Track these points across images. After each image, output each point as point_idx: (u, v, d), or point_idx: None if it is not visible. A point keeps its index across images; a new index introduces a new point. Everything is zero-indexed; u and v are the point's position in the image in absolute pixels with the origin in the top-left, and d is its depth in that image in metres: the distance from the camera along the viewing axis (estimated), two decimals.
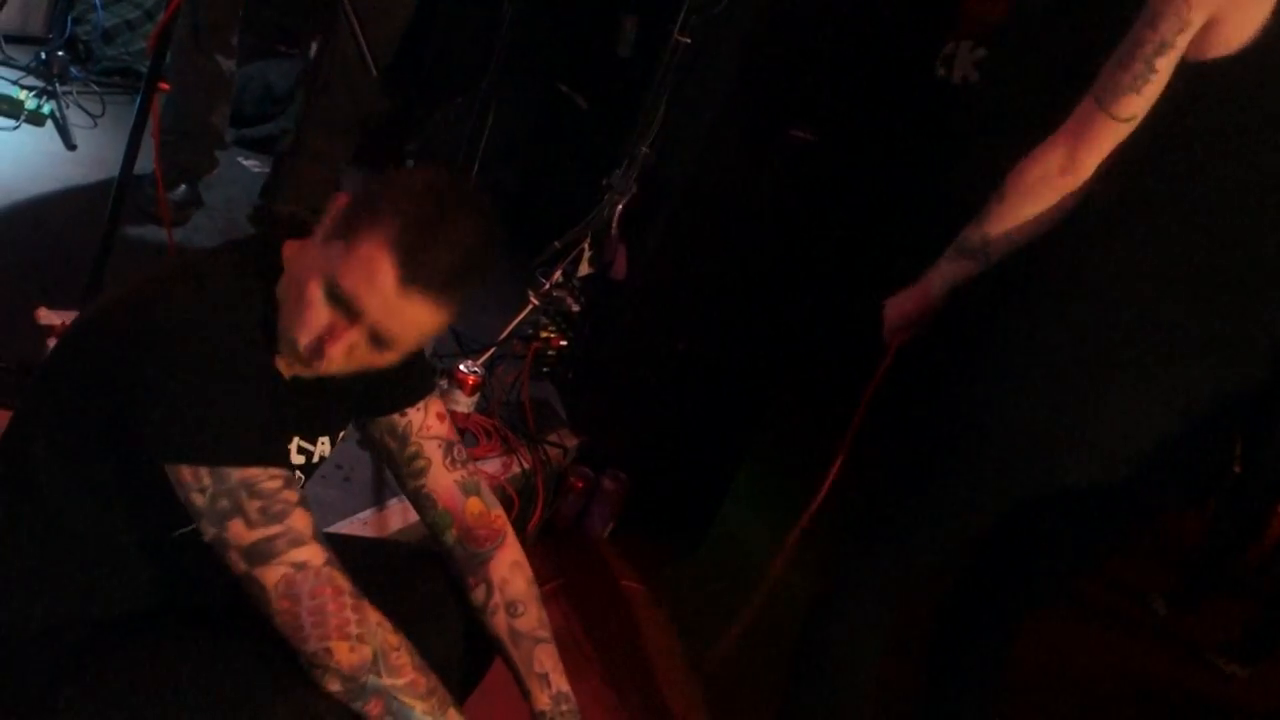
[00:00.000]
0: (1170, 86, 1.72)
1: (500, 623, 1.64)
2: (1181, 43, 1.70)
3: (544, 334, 3.24)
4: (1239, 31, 1.68)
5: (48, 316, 2.59)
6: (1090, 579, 3.89)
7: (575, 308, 3.28)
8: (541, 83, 4.39)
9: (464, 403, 2.89)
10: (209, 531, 1.32)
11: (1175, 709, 3.44)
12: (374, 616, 1.38)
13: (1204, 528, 3.97)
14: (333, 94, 3.35)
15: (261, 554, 1.32)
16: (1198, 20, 1.68)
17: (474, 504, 1.65)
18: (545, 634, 1.66)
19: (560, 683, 1.64)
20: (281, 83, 4.07)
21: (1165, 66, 1.71)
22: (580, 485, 3.05)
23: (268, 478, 1.32)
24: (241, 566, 1.33)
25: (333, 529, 2.38)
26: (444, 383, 3.03)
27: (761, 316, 3.05)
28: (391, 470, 1.69)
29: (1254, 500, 3.75)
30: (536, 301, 3.25)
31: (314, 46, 3.58)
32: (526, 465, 2.90)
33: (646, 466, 3.12)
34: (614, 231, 3.11)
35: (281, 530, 1.33)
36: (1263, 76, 1.70)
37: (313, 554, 1.35)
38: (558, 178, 4.24)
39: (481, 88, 2.94)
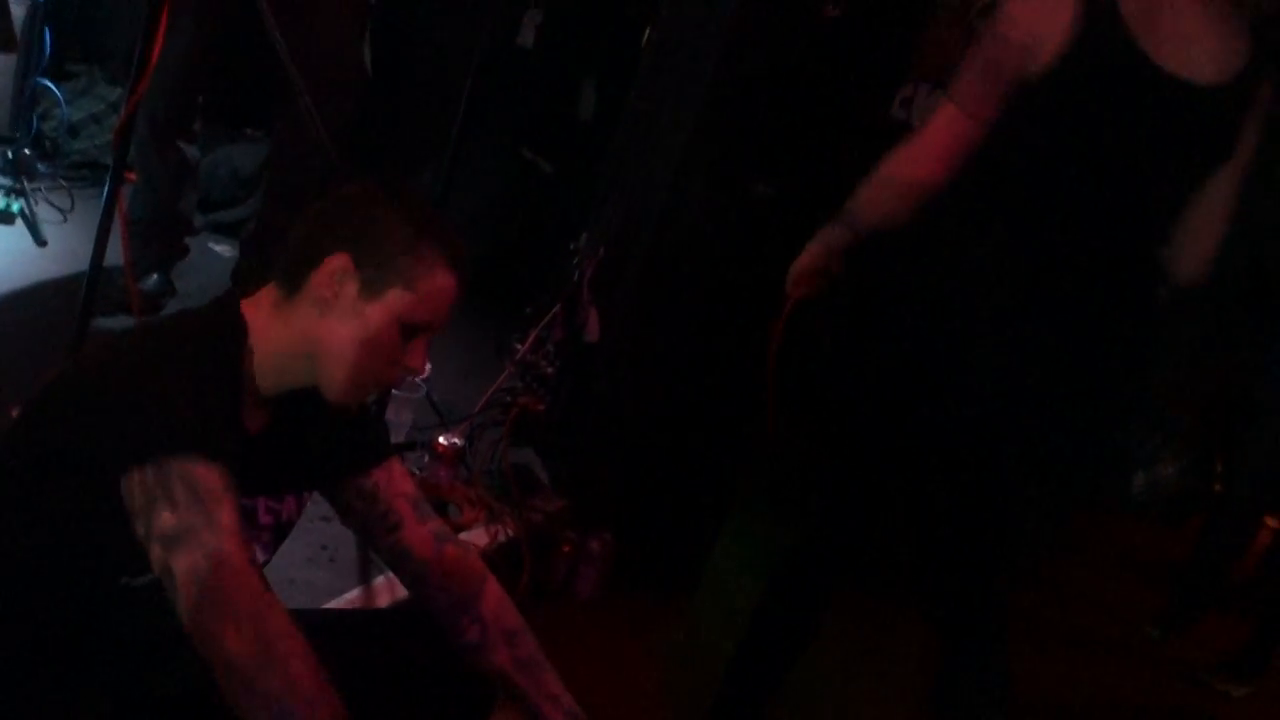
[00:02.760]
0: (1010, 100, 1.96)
1: (502, 656, 1.65)
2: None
3: (521, 400, 3.24)
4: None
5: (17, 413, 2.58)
6: (1082, 607, 3.89)
7: (550, 371, 3.28)
8: (506, 149, 4.42)
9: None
10: (139, 530, 1.29)
11: None
12: (279, 622, 1.30)
13: (1190, 550, 3.97)
14: (295, 175, 3.37)
15: (178, 539, 1.27)
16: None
17: (451, 549, 1.67)
18: (544, 659, 1.68)
19: (570, 702, 1.66)
20: (248, 166, 4.09)
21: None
22: (567, 549, 3.03)
23: (206, 471, 1.29)
24: (159, 556, 1.28)
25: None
26: (425, 456, 3.02)
27: (732, 368, 3.06)
28: (366, 533, 1.70)
29: (1236, 519, 3.76)
30: (513, 368, 3.25)
31: (275, 129, 3.61)
32: (512, 532, 2.89)
33: (632, 525, 3.11)
34: (585, 294, 3.12)
35: (203, 518, 1.27)
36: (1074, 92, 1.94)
37: (233, 547, 1.28)
38: (527, 242, 4.26)
39: (444, 157, 2.96)
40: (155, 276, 3.37)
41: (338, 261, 1.45)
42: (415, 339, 1.49)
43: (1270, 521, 3.84)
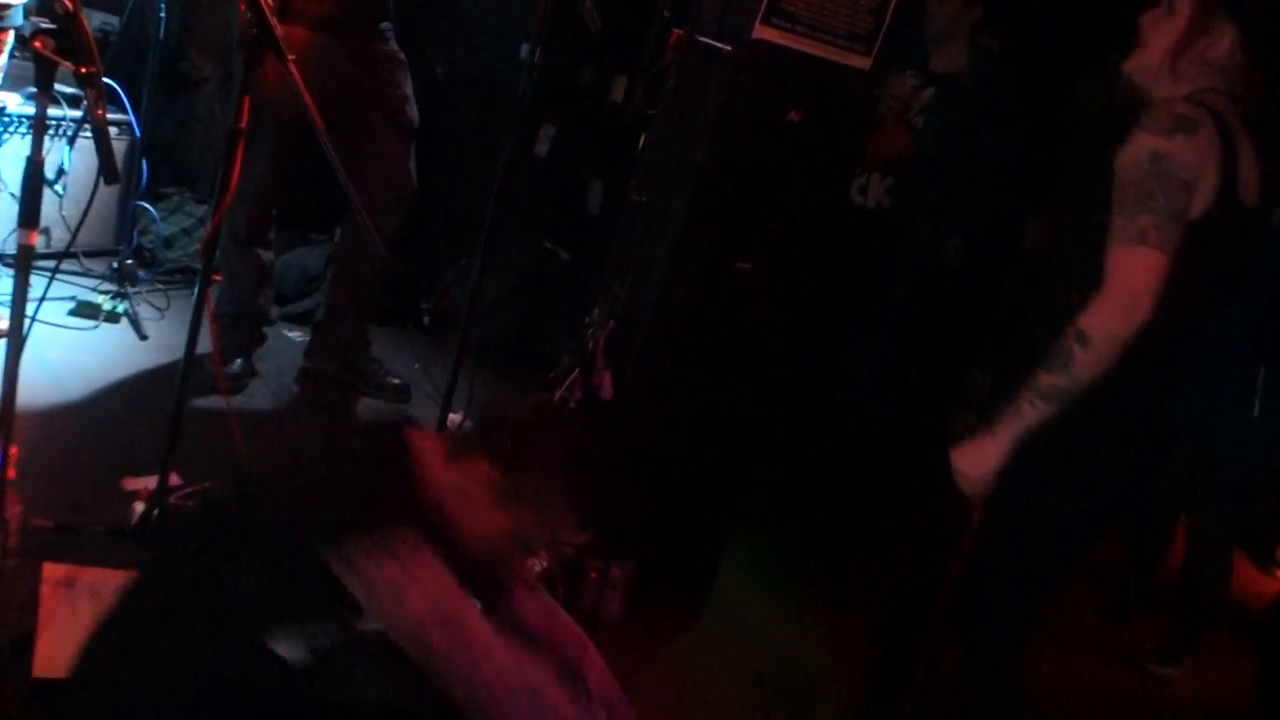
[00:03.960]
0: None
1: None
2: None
3: None
4: None
5: (133, 483, 2.57)
6: None
7: None
8: (531, 241, 4.44)
9: None
10: None
11: (1113, 709, 3.37)
12: None
13: (1122, 548, 3.92)
14: (354, 269, 3.39)
15: None
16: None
17: (562, 618, 1.63)
18: None
19: None
20: (315, 265, 4.10)
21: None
22: (594, 575, 2.99)
23: None
24: None
25: None
26: None
27: (728, 417, 3.04)
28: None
29: (1158, 520, 3.71)
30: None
31: (338, 233, 3.62)
32: (546, 563, 2.85)
33: (649, 553, 3.07)
34: (599, 359, 3.10)
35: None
36: None
37: None
38: (550, 317, 4.26)
39: (479, 250, 2.97)
40: (239, 361, 3.37)
41: None
42: None
43: (1183, 520, 3.78)
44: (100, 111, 1.60)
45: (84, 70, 1.62)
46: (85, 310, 3.50)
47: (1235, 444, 3.26)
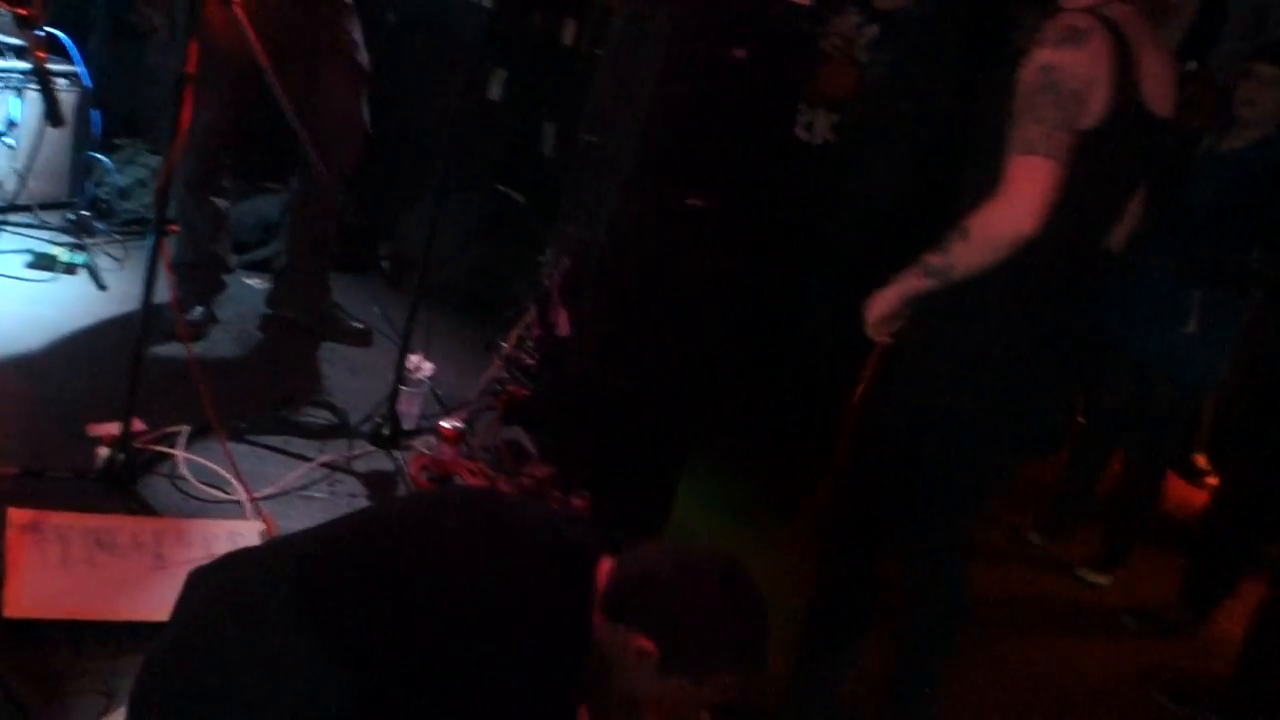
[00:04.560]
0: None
1: None
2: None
3: (509, 387, 3.22)
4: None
5: (96, 429, 2.56)
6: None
7: (531, 362, 3.27)
8: (485, 185, 4.40)
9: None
10: None
11: (1051, 615, 3.47)
12: None
13: (1062, 473, 4.01)
14: (311, 215, 3.35)
15: None
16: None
17: None
18: None
19: None
20: (272, 213, 4.05)
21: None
22: (555, 506, 3.02)
23: None
24: None
25: None
26: (433, 439, 3.01)
27: (681, 350, 3.06)
28: None
29: (1095, 446, 3.80)
30: (500, 361, 3.24)
31: (293, 181, 3.58)
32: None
33: (607, 483, 3.10)
34: (555, 298, 3.11)
35: None
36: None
37: None
38: (506, 259, 4.24)
39: (434, 193, 2.95)
40: (199, 309, 3.34)
41: (643, 644, 1.34)
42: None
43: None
44: (40, 53, 1.56)
45: (21, 12, 1.58)
46: (42, 262, 3.45)
47: (1172, 367, 3.33)
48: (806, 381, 4.02)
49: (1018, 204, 1.80)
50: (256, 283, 3.80)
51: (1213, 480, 4.51)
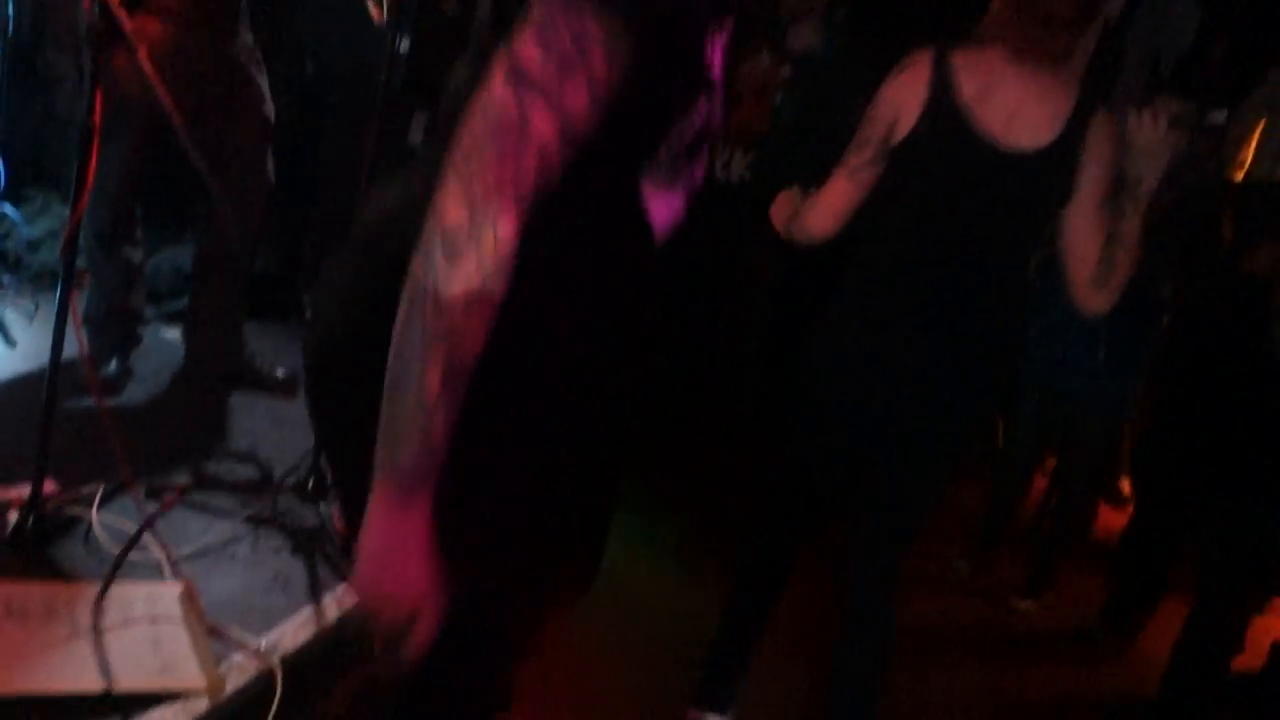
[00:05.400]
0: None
1: None
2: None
3: None
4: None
5: (3, 492, 2.45)
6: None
7: None
8: None
9: None
10: None
11: (980, 643, 3.51)
12: (508, 238, 1.00)
13: (985, 495, 4.07)
14: (217, 267, 3.29)
15: (517, 75, 1.03)
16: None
17: None
18: None
19: None
20: (189, 262, 3.94)
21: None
22: None
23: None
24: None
25: (275, 632, 2.28)
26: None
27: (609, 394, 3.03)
28: None
29: (1015, 471, 3.86)
30: None
31: (200, 231, 3.49)
32: None
33: None
34: None
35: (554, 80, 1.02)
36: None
37: (548, 128, 1.02)
38: None
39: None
40: (114, 363, 3.23)
41: None
42: None
43: (1040, 472, 3.96)
44: None
45: None
46: None
47: (1086, 394, 3.41)
48: (731, 421, 4.03)
49: (820, 211, 2.17)
50: (174, 334, 3.70)
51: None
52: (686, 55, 1.14)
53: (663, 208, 1.22)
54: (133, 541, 2.40)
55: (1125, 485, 4.88)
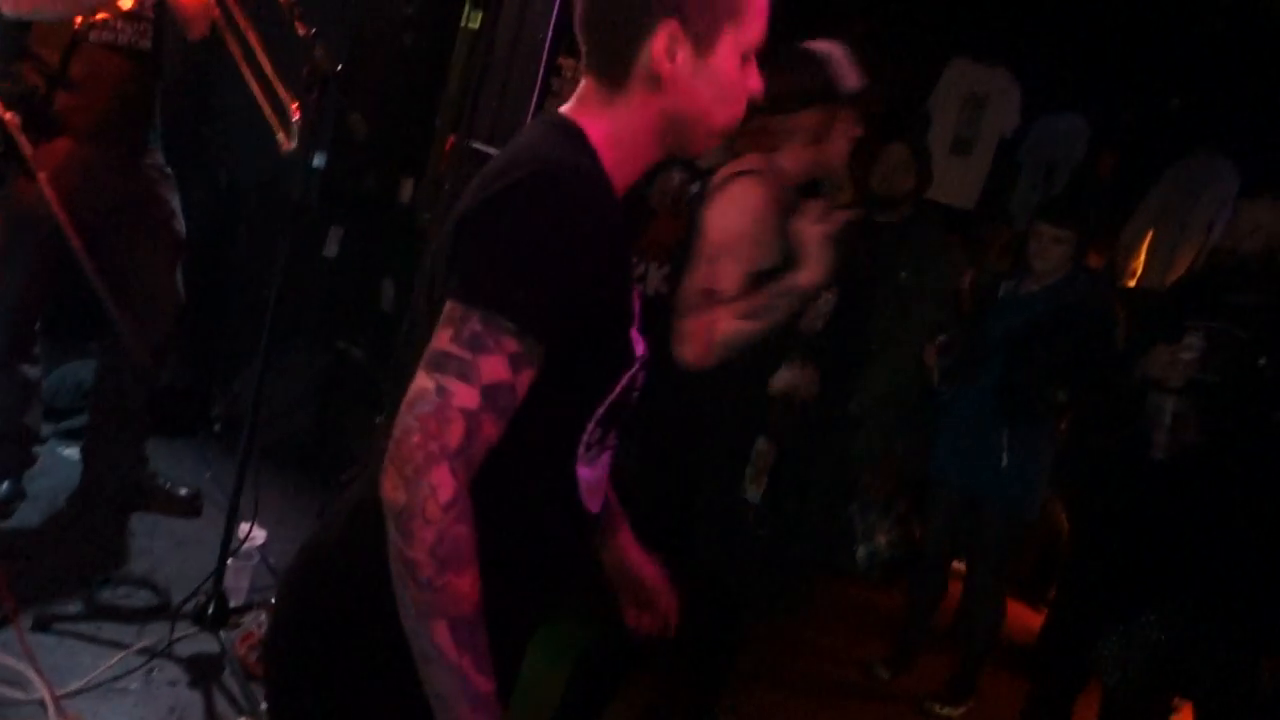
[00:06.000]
0: None
1: None
2: None
3: None
4: None
5: None
6: (823, 658, 3.92)
7: None
8: (323, 342, 4.31)
9: None
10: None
11: None
12: (449, 495, 1.06)
13: (904, 602, 4.08)
14: (117, 386, 3.20)
15: (434, 363, 1.08)
16: None
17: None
18: None
19: None
20: (89, 377, 3.82)
21: None
22: None
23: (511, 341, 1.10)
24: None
25: None
26: (262, 615, 2.83)
27: None
28: None
29: (933, 574, 3.87)
30: None
31: (101, 349, 3.40)
32: None
33: None
34: None
35: (469, 358, 1.07)
36: None
37: (469, 398, 1.07)
38: (346, 416, 4.13)
39: (260, 353, 2.83)
40: (6, 484, 3.10)
41: (667, 32, 1.19)
42: (748, 62, 1.25)
43: (958, 565, 3.97)
44: None
45: None
46: None
47: (993, 498, 3.47)
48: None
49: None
50: (73, 452, 3.57)
51: None
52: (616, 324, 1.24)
53: (588, 474, 1.30)
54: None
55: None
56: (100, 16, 2.73)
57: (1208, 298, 3.01)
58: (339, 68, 2.48)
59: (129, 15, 2.84)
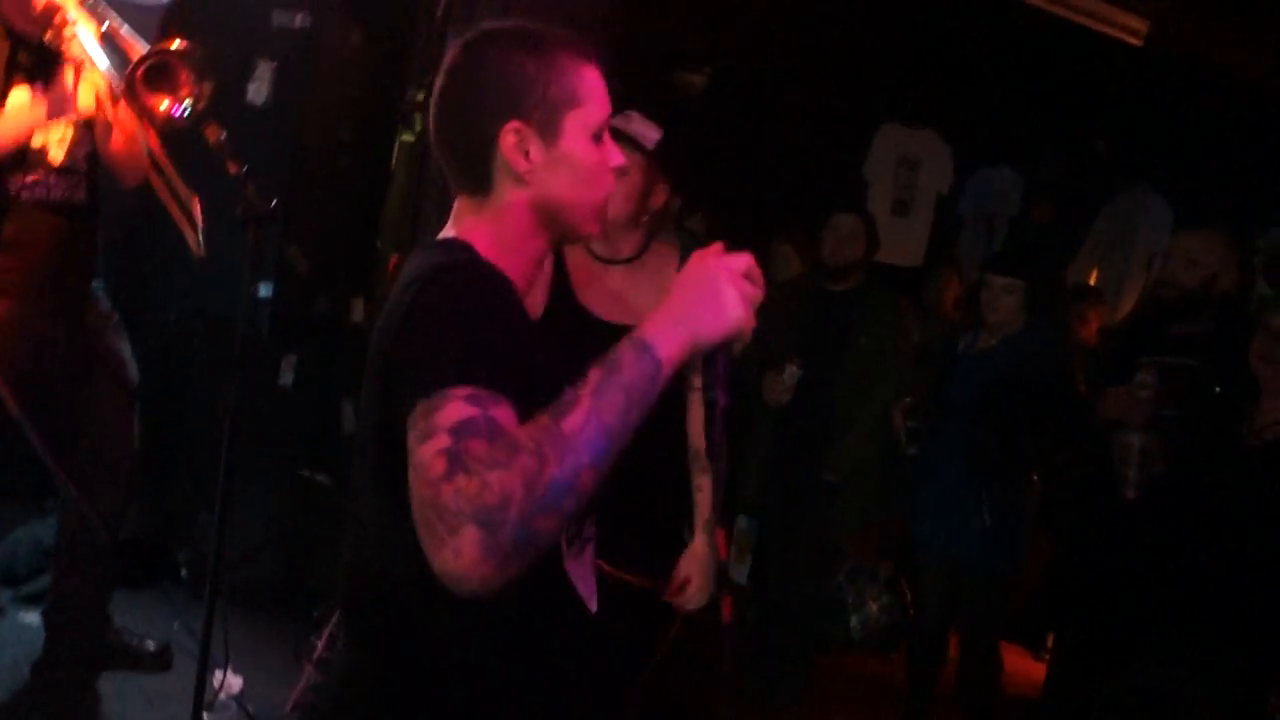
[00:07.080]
0: None
1: None
2: None
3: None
4: None
5: None
6: None
7: None
8: (287, 473, 4.23)
9: None
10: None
11: None
12: (497, 497, 1.02)
13: (904, 666, 4.00)
14: (75, 547, 3.09)
15: (415, 464, 1.09)
16: None
17: None
18: None
19: None
20: (49, 538, 3.72)
21: None
22: None
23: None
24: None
25: None
26: None
27: None
28: None
29: (929, 637, 3.80)
30: (312, 668, 3.00)
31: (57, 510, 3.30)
32: None
33: None
34: None
35: (426, 424, 1.08)
36: None
37: (443, 441, 1.07)
38: (320, 546, 4.03)
39: (219, 494, 2.75)
40: None
41: (512, 130, 1.23)
42: (601, 139, 1.28)
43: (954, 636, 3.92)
44: None
45: None
46: None
47: (977, 558, 3.44)
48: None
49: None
50: (34, 618, 3.44)
51: None
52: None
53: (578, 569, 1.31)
54: None
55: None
56: (31, 178, 2.71)
57: (1155, 331, 3.05)
58: (273, 203, 2.48)
59: (61, 170, 2.83)
